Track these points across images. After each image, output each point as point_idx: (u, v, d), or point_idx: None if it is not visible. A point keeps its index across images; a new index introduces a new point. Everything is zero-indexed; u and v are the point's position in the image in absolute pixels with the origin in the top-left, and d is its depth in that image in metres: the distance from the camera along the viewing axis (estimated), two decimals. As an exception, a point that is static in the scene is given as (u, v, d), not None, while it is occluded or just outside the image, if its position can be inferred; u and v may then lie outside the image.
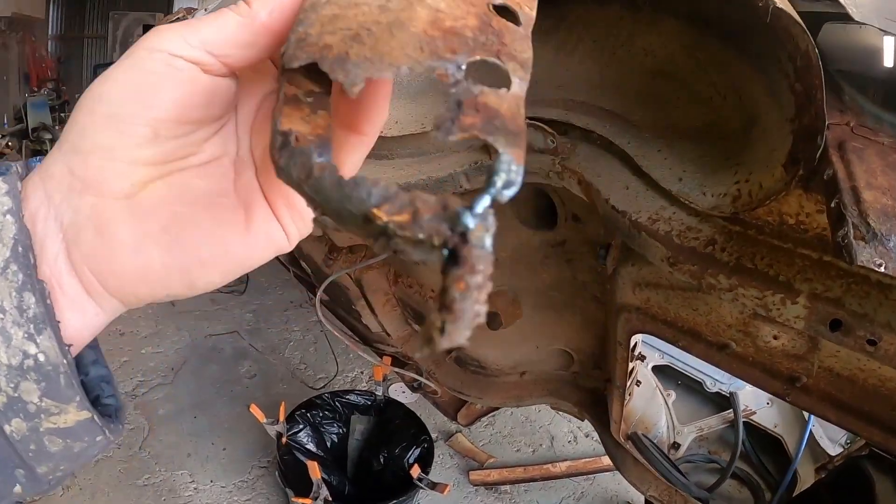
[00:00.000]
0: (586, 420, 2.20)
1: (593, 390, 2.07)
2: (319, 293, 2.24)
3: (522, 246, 1.65)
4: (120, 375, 4.18)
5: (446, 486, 2.79)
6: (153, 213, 0.48)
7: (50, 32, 12.86)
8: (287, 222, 0.54)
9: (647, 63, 1.16)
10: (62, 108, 11.44)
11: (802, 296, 0.91)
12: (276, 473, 3.12)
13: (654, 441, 2.36)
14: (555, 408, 2.31)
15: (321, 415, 3.36)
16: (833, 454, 2.25)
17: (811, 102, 0.78)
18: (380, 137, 1.23)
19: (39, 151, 9.56)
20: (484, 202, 0.32)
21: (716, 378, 2.52)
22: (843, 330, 0.90)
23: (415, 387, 2.60)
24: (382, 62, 0.37)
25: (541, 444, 4.04)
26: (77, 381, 0.46)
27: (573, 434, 4.12)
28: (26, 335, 0.43)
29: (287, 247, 0.54)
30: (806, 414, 2.29)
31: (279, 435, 3.05)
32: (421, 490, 2.95)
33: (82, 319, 0.48)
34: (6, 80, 10.24)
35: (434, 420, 3.79)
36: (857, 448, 2.05)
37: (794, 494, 2.24)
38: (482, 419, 3.85)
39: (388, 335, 2.60)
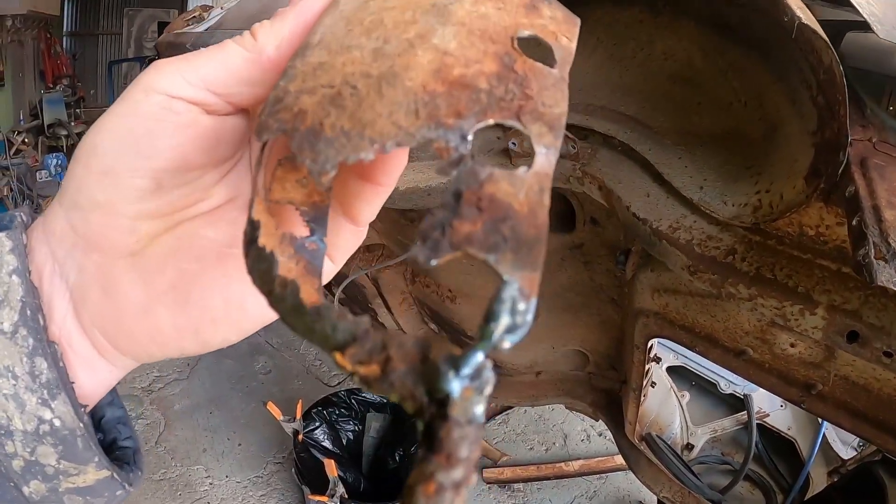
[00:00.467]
0: (596, 420, 2.20)
1: (608, 391, 2.08)
2: (338, 292, 2.25)
3: (541, 248, 1.66)
4: (136, 371, 4.19)
5: (461, 483, 2.81)
6: (160, 270, 0.45)
7: (65, 29, 12.92)
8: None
9: (667, 67, 1.16)
10: (77, 105, 11.49)
11: (821, 307, 0.92)
12: (293, 470, 3.14)
13: (668, 442, 2.36)
14: (569, 407, 2.31)
15: (337, 412, 3.38)
16: (846, 458, 2.24)
17: (834, 117, 0.79)
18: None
19: (55, 147, 9.63)
20: (475, 359, 0.25)
21: (730, 380, 2.51)
22: (860, 342, 0.91)
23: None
24: (362, 138, 0.29)
25: (554, 443, 4.05)
26: (94, 441, 0.45)
27: (586, 433, 4.13)
28: (40, 401, 0.42)
29: None
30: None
31: (296, 432, 3.07)
32: (435, 487, 2.95)
33: (95, 378, 0.47)
34: (22, 76, 10.30)
35: (447, 419, 3.80)
36: (869, 453, 2.05)
37: (806, 497, 2.23)
38: (496, 417, 3.87)
39: (405, 334, 2.62)
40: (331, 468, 2.74)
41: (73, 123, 10.36)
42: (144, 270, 0.44)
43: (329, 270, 0.48)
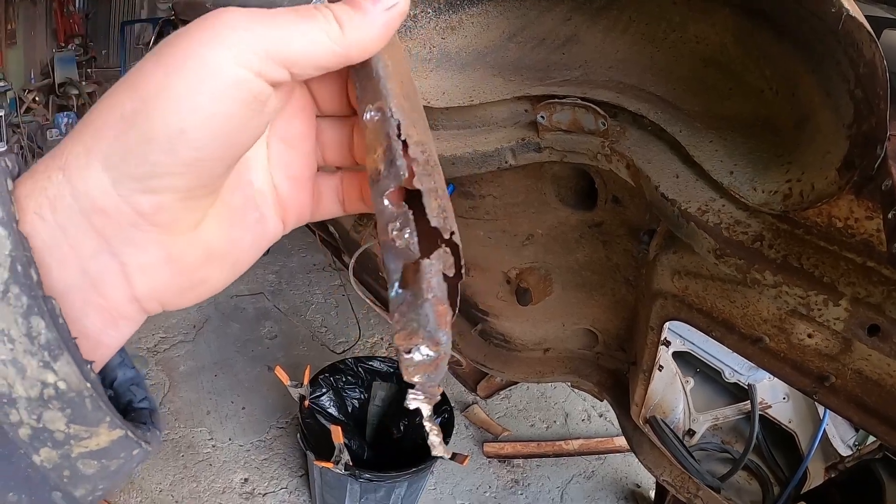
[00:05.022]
0: (601, 400, 2.21)
1: (614, 371, 2.09)
2: (352, 262, 2.26)
3: (560, 224, 1.65)
4: (141, 331, 4.23)
5: (466, 456, 2.81)
6: (216, 240, 0.49)
7: (77, -12, 12.81)
8: (290, 222, 0.56)
9: (699, 51, 1.16)
10: (89, 64, 11.49)
11: (845, 299, 0.92)
12: (298, 436, 3.15)
13: (671, 426, 2.38)
14: (574, 386, 2.32)
15: (343, 379, 3.39)
16: (844, 455, 2.26)
17: (872, 111, 0.78)
18: (427, 108, 1.24)
19: (65, 107, 9.63)
20: None
21: (734, 368, 2.52)
22: (880, 336, 0.91)
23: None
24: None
25: (555, 421, 4.07)
26: (104, 400, 0.42)
27: (587, 413, 4.15)
28: (41, 363, 0.39)
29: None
30: (820, 412, 2.29)
31: (302, 398, 3.08)
32: (438, 459, 2.96)
33: (118, 335, 0.47)
34: (33, 35, 10.23)
35: (451, 390, 3.83)
36: (869, 451, 2.06)
37: (803, 491, 2.25)
38: (500, 392, 3.90)
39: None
40: (337, 435, 2.75)
41: (84, 83, 10.37)
42: (204, 243, 0.48)
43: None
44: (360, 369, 3.42)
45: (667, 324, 1.41)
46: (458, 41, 1.35)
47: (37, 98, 9.03)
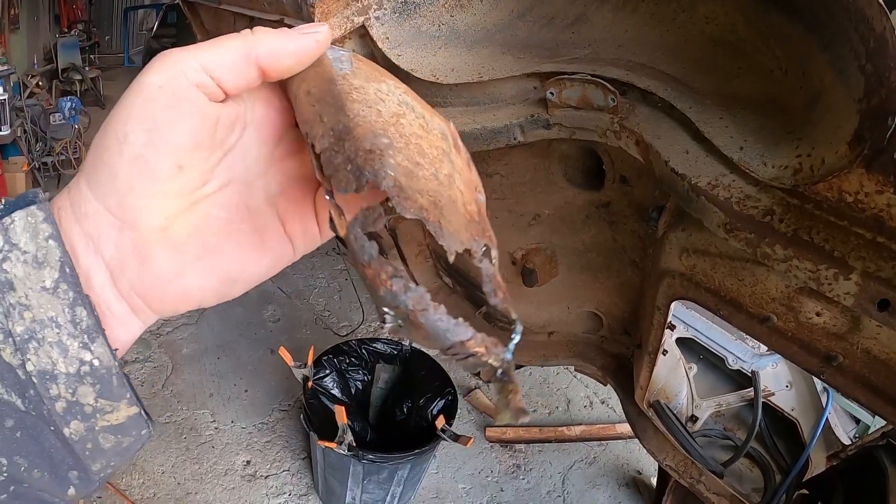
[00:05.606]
0: (602, 386, 2.21)
1: (618, 356, 2.09)
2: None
3: (566, 205, 1.65)
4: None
5: (469, 438, 2.82)
6: (187, 244, 0.55)
7: (80, -26, 12.78)
8: (298, 242, 0.62)
9: (709, 31, 1.15)
10: (92, 50, 11.51)
11: (855, 273, 0.92)
12: (301, 417, 3.17)
13: (675, 412, 2.38)
14: (578, 370, 2.32)
15: (347, 361, 3.39)
16: (846, 443, 2.26)
17: (882, 84, 0.78)
18: (435, 84, 1.23)
19: (69, 91, 9.67)
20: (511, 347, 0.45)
21: (738, 356, 2.52)
22: (890, 310, 0.91)
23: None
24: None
25: (557, 407, 4.08)
26: (127, 379, 0.52)
27: (589, 399, 4.16)
28: (81, 345, 0.49)
29: (293, 259, 0.64)
30: (823, 400, 2.29)
31: (305, 378, 3.08)
32: (441, 441, 2.98)
33: (128, 333, 0.55)
34: (37, 20, 10.23)
35: (453, 375, 3.83)
36: (871, 438, 2.06)
37: (804, 479, 2.25)
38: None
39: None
40: (341, 415, 2.76)
41: (87, 68, 10.41)
42: (174, 244, 0.54)
43: None
44: (363, 351, 3.43)
45: (672, 306, 1.41)
46: (466, 19, 1.35)
47: (40, 83, 9.05)
